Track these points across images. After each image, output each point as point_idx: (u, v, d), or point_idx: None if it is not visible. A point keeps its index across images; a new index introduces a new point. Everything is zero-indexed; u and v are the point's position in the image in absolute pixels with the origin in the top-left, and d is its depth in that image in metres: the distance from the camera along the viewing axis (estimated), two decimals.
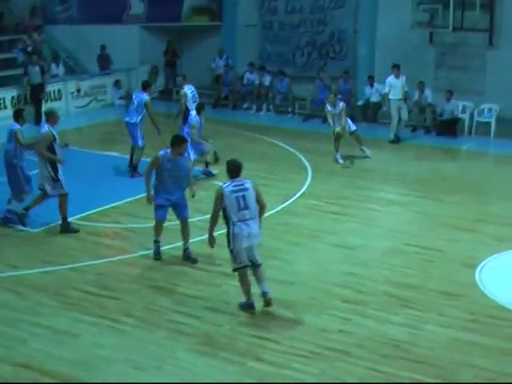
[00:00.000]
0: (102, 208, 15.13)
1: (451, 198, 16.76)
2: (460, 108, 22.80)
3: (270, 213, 15.41)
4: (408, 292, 11.97)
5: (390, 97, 21.70)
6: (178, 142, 12.78)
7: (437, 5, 23.13)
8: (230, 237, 11.08)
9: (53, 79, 25.12)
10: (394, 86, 21.62)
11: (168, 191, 12.86)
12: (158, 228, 13.18)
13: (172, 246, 13.62)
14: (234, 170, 11.17)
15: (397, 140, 21.73)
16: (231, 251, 11.17)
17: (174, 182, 12.83)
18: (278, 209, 15.81)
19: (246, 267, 11.17)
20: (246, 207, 11.00)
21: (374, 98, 23.83)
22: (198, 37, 28.33)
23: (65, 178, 14.19)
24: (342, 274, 12.64)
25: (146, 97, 17.83)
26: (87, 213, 15.07)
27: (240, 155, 19.23)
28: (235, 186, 11.02)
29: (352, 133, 19.81)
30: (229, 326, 10.87)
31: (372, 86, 23.74)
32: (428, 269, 12.92)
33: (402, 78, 21.51)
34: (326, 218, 15.46)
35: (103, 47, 26.77)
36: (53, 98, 24.70)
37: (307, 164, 19.26)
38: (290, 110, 25.42)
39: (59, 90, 24.97)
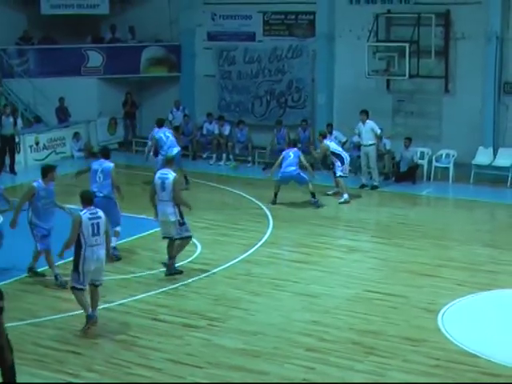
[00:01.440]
0: (61, 262, 14.95)
1: (412, 244, 16.88)
2: (418, 154, 23.06)
3: (231, 263, 15.50)
4: (371, 339, 11.99)
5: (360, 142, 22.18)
6: (50, 169, 14.36)
7: (393, 53, 23.42)
8: (80, 259, 12.06)
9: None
10: (360, 132, 22.02)
11: (45, 220, 14.18)
12: (50, 258, 14.28)
13: (134, 298, 13.55)
14: (87, 200, 12.41)
15: (364, 186, 22.07)
16: (77, 271, 12.11)
17: (48, 209, 14.21)
18: (239, 258, 15.82)
19: (84, 290, 12.27)
20: (98, 233, 12.17)
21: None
22: (156, 88, 28.43)
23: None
24: (305, 323, 12.63)
25: None
26: (46, 267, 14.89)
27: (200, 205, 19.50)
28: (91, 213, 12.21)
29: (335, 178, 20.74)
30: (191, 377, 10.79)
31: (331, 133, 23.92)
32: (391, 315, 12.95)
33: (369, 124, 21.76)
34: (288, 267, 15.48)
35: (61, 100, 26.71)
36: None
37: (268, 213, 19.31)
38: (249, 159, 25.53)
39: (17, 143, 24.82)
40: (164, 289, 14.03)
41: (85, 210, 12.22)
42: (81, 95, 26.59)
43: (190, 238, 14.96)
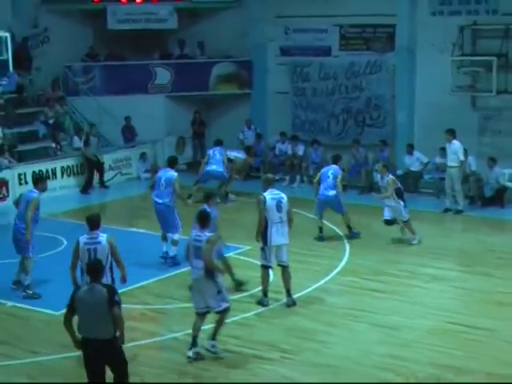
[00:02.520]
0: (128, 288, 15.14)
1: (500, 273, 16.66)
2: (506, 176, 22.72)
3: (304, 291, 15.50)
4: (454, 375, 11.87)
5: None
6: (43, 179, 16.45)
7: (479, 67, 23.19)
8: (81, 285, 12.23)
9: (76, 152, 25.43)
10: (447, 153, 21.82)
11: (34, 229, 15.37)
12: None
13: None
14: (89, 223, 12.71)
15: (448, 210, 21.83)
16: None
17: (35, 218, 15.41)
18: (313, 287, 15.82)
19: None
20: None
21: (415, 167, 23.93)
22: (226, 105, 28.70)
23: None
24: (382, 356, 12.57)
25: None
26: None
27: None
28: (89, 238, 12.55)
29: (404, 222, 19.03)
30: None
31: (412, 154, 23.84)
32: (476, 350, 12.81)
33: (455, 145, 21.36)
34: (365, 296, 15.43)
35: (128, 118, 27.07)
36: (76, 171, 25.05)
37: (344, 239, 19.28)
38: None
39: (82, 164, 25.21)
40: (234, 318, 14.05)
41: (85, 234, 12.65)
42: (148, 114, 26.92)
43: None
